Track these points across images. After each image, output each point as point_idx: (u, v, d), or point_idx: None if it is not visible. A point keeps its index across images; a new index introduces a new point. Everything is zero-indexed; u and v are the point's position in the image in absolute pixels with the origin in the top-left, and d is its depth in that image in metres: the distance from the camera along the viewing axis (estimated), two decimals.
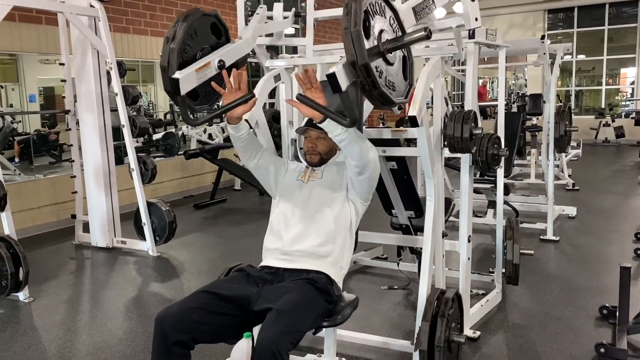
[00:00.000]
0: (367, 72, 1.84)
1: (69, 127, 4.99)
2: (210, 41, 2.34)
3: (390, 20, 2.03)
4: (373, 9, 1.91)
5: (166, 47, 2.12)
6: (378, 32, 1.92)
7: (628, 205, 6.28)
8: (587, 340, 2.87)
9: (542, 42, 4.48)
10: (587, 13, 13.39)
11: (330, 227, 2.18)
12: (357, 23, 1.79)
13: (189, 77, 2.10)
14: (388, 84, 1.96)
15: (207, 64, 2.19)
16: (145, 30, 6.97)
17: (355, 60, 1.81)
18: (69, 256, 4.83)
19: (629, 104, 13.81)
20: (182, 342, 1.88)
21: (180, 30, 2.14)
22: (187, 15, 2.20)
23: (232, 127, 2.20)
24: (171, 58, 2.11)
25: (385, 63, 1.97)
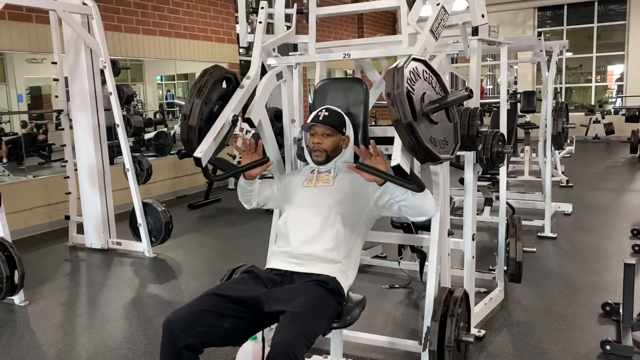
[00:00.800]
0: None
1: (62, 127, 4.90)
2: (221, 91, 2.38)
3: (433, 84, 2.07)
4: (415, 74, 1.98)
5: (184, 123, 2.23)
6: (420, 97, 1.97)
7: (622, 201, 6.32)
8: (592, 338, 2.87)
9: (539, 39, 4.49)
10: (576, 11, 13.49)
11: (340, 233, 2.16)
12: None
13: (208, 150, 2.21)
14: (441, 144, 2.02)
15: (222, 126, 2.27)
16: (137, 29, 6.89)
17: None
18: (64, 258, 4.76)
19: (617, 101, 13.93)
20: (191, 346, 1.84)
21: (196, 109, 2.23)
22: (200, 90, 2.26)
23: (247, 183, 2.36)
24: (191, 135, 2.23)
25: (430, 122, 2.01)
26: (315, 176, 2.32)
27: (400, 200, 2.10)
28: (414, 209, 2.12)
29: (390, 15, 13.58)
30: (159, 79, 11.88)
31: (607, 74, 14.45)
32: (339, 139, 2.33)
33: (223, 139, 2.34)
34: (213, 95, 2.31)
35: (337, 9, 2.89)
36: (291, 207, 2.29)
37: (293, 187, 2.35)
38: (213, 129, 2.29)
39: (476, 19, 2.39)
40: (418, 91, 1.95)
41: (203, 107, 2.24)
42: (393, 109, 1.86)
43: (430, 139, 1.95)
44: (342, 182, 2.27)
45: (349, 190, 2.23)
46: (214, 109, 2.34)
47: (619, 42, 13.18)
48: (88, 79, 4.63)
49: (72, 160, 4.96)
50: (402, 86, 1.86)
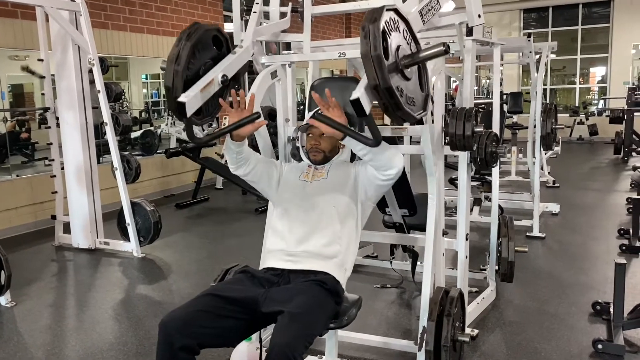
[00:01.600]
0: (391, 94, 1.80)
1: (49, 125, 4.83)
2: (212, 53, 2.30)
3: (404, 33, 1.99)
4: (389, 27, 1.87)
5: (170, 67, 2.06)
6: (395, 49, 1.89)
7: (608, 201, 6.39)
8: (583, 337, 2.90)
9: (528, 40, 4.52)
10: (560, 13, 13.65)
11: (337, 228, 2.14)
12: (377, 47, 1.75)
13: (194, 98, 2.05)
14: (408, 100, 1.93)
15: (210, 81, 2.13)
16: (124, 26, 6.81)
17: (377, 84, 1.77)
18: (50, 258, 4.68)
19: (599, 102, 14.12)
20: (188, 347, 1.81)
21: (185, 51, 2.08)
22: (190, 34, 2.14)
23: (236, 145, 2.15)
24: (176, 80, 2.06)
25: (404, 79, 1.94)
26: (312, 170, 2.30)
27: (364, 154, 2.03)
28: (380, 160, 2.05)
29: None
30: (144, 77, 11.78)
31: (589, 76, 14.64)
32: (336, 139, 2.31)
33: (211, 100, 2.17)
34: (202, 44, 2.18)
35: (332, 8, 2.87)
36: (286, 202, 2.26)
37: (290, 181, 2.31)
38: (201, 81, 2.14)
39: (473, 19, 2.40)
40: (392, 45, 1.86)
41: (192, 57, 2.09)
42: (370, 72, 1.75)
43: (407, 100, 1.87)
44: (335, 173, 2.25)
45: (343, 181, 2.22)
46: (203, 67, 2.20)
47: (603, 45, 13.36)
48: (76, 77, 4.56)
49: (58, 158, 4.88)
50: (379, 47, 1.74)
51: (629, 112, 9.35)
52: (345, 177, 2.22)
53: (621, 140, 9.49)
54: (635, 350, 2.75)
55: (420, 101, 2.02)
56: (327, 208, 2.16)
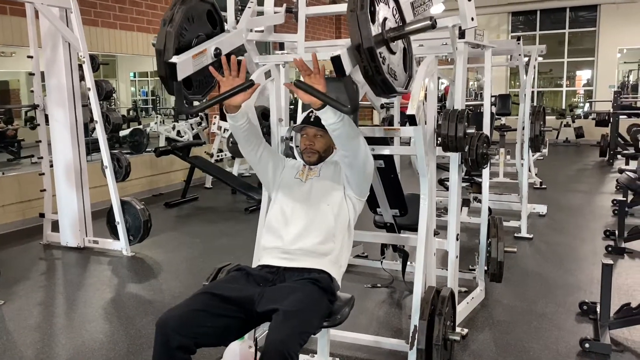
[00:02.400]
0: (372, 57, 1.79)
1: (38, 123, 4.79)
2: (206, 29, 2.28)
3: (393, 11, 2.01)
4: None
5: (163, 29, 2.04)
6: (382, 20, 1.89)
7: (594, 203, 6.48)
8: (571, 336, 2.94)
9: (518, 43, 4.57)
10: (548, 16, 13.78)
11: (331, 225, 2.16)
12: (364, 6, 1.75)
13: (185, 63, 2.02)
14: (390, 72, 1.93)
15: (203, 51, 2.12)
16: (114, 24, 6.77)
17: (360, 43, 1.76)
18: (38, 256, 4.65)
19: (585, 105, 14.28)
20: (184, 347, 1.82)
21: (179, 14, 2.06)
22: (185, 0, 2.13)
23: (231, 117, 2.12)
24: (168, 41, 2.03)
25: (389, 51, 1.94)
26: (306, 169, 2.31)
27: (334, 129, 2.01)
28: (347, 137, 2.05)
29: None
30: (132, 75, 11.71)
31: (576, 79, 14.81)
32: (331, 139, 2.32)
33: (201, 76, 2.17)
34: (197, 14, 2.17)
35: (327, 9, 2.90)
36: (282, 198, 2.27)
37: (287, 179, 2.33)
38: (194, 48, 2.13)
39: (466, 22, 2.43)
40: (380, 15, 1.87)
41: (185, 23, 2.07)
42: (354, 30, 1.75)
43: (389, 70, 1.87)
44: (327, 171, 2.27)
45: (333, 178, 2.24)
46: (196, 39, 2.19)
47: (589, 48, 13.52)
48: (66, 74, 4.53)
49: (47, 156, 4.84)
50: (366, 6, 1.74)
51: (614, 115, 9.47)
52: (336, 174, 2.25)
53: (607, 143, 9.62)
54: (621, 349, 2.79)
55: (402, 79, 2.02)
56: (321, 206, 2.18)
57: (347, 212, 2.23)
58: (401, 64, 2.07)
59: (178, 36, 2.07)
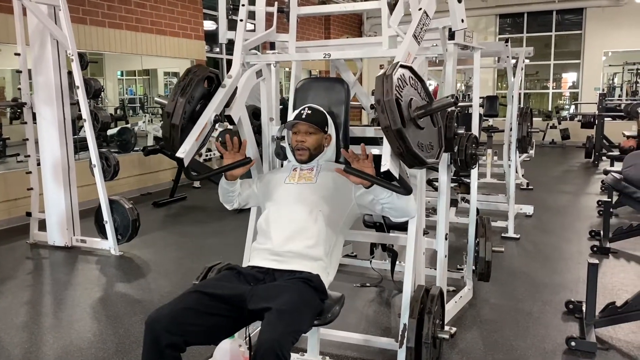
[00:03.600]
0: (401, 137, 1.93)
1: (25, 121, 4.74)
2: (204, 90, 2.38)
3: (419, 90, 2.12)
4: (402, 80, 2.01)
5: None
6: (408, 101, 2.01)
7: (580, 203, 6.56)
8: (557, 334, 2.98)
9: (506, 45, 4.62)
10: (535, 19, 13.91)
11: (322, 230, 2.18)
12: (389, 93, 1.90)
13: (191, 149, 2.22)
14: (419, 145, 2.05)
15: (204, 126, 2.28)
16: (102, 22, 6.73)
17: (388, 125, 1.90)
18: (25, 256, 4.61)
19: (571, 107, 14.44)
20: (174, 345, 1.82)
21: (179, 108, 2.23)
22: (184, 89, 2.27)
23: (228, 183, 2.40)
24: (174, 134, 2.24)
25: (417, 128, 2.05)
26: (297, 173, 2.33)
27: (385, 202, 2.15)
28: (398, 210, 2.19)
29: (356, 17, 13.69)
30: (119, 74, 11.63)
31: (562, 81, 14.96)
32: (322, 137, 2.35)
33: (204, 139, 2.34)
34: (196, 94, 2.32)
35: (318, 9, 2.91)
36: (272, 203, 2.30)
37: (274, 185, 2.36)
38: (195, 129, 2.29)
39: (456, 23, 2.46)
40: (405, 97, 2.00)
41: (186, 106, 2.24)
42: (383, 116, 1.90)
43: (418, 144, 2.00)
44: (325, 179, 2.29)
45: (332, 188, 2.26)
46: (196, 108, 2.34)
47: (575, 51, 13.67)
48: (54, 72, 4.50)
49: (34, 155, 4.80)
50: (391, 93, 1.90)
51: (599, 117, 9.59)
52: (335, 185, 2.26)
53: (592, 145, 9.74)
54: (606, 348, 2.84)
55: (435, 140, 2.17)
56: (313, 211, 2.20)
57: (341, 221, 2.27)
58: (435, 137, 2.18)
59: (181, 122, 2.25)
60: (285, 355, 1.68)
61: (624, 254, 4.40)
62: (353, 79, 3.74)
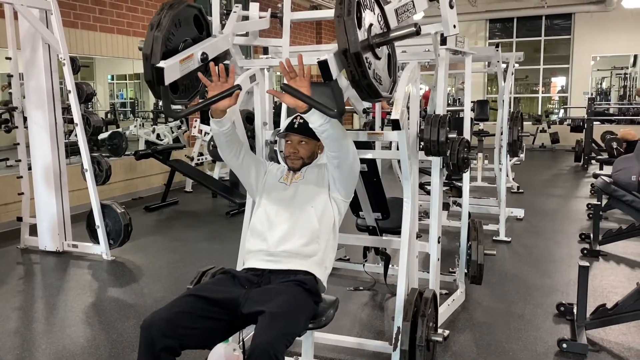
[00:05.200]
0: (359, 62, 1.82)
1: (16, 125, 4.72)
2: (192, 33, 2.30)
3: (378, 17, 2.05)
4: (364, 2, 1.92)
5: (150, 34, 2.05)
6: (368, 26, 1.93)
7: (570, 207, 6.62)
8: (549, 336, 3.01)
9: (496, 50, 4.67)
10: (524, 24, 14.04)
11: (315, 227, 2.18)
12: (351, 12, 1.78)
13: (173, 67, 2.04)
14: (376, 77, 1.97)
15: (190, 55, 2.13)
16: (94, 26, 6.71)
17: (347, 48, 1.79)
18: (16, 261, 4.57)
19: (561, 111, 14.57)
20: (169, 348, 1.83)
21: (166, 19, 2.08)
22: (173, 4, 2.15)
23: (216, 122, 2.13)
24: (155, 46, 2.04)
25: (374, 57, 1.98)
26: (291, 174, 2.33)
27: (322, 131, 2.02)
28: (335, 139, 2.06)
29: None
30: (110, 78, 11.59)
31: (551, 86, 15.10)
32: (315, 145, 2.33)
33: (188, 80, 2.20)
34: (184, 19, 2.19)
35: (312, 14, 2.93)
36: (267, 202, 2.29)
37: (271, 181, 2.34)
38: (181, 53, 2.14)
39: (448, 29, 2.48)
40: (366, 21, 1.90)
41: (172, 28, 2.09)
42: (341, 35, 1.77)
43: (375, 75, 1.90)
44: (311, 173, 2.30)
45: (317, 179, 2.26)
46: (183, 43, 2.21)
47: (564, 56, 13.80)
48: (45, 76, 4.48)
49: (25, 159, 4.78)
50: (353, 11, 1.78)
51: (588, 121, 9.69)
52: (320, 177, 2.27)
53: (581, 149, 9.83)
54: (597, 349, 2.87)
55: (387, 84, 2.06)
56: (305, 208, 2.21)
57: (331, 214, 2.26)
58: (386, 69, 2.12)
59: (165, 41, 2.09)
60: (279, 358, 1.69)
61: (614, 257, 4.45)
62: (346, 83, 3.75)
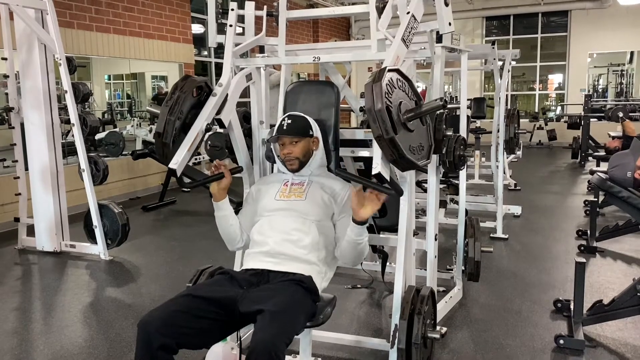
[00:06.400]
0: (394, 145, 1.94)
1: (12, 125, 4.71)
2: (193, 101, 2.40)
3: (406, 90, 2.14)
4: (391, 84, 2.02)
5: (165, 115, 2.27)
6: (397, 104, 2.02)
7: (566, 204, 6.64)
8: (546, 333, 3.02)
9: (493, 47, 4.67)
10: (521, 21, 14.04)
11: (316, 238, 2.20)
12: (380, 101, 1.91)
13: (183, 160, 2.25)
14: (411, 149, 2.07)
15: (196, 136, 2.31)
16: (90, 26, 6.70)
17: (381, 135, 1.92)
18: (13, 261, 4.57)
19: (557, 108, 14.59)
20: (166, 346, 1.83)
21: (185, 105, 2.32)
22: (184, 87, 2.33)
23: (216, 205, 2.34)
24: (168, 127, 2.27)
25: (407, 130, 2.07)
26: (288, 189, 2.31)
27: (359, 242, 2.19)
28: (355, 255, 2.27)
29: (344, 20, 13.74)
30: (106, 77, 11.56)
31: (547, 83, 15.11)
32: (308, 142, 2.33)
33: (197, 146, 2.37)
34: (184, 108, 2.34)
35: (308, 13, 2.93)
36: (265, 218, 2.29)
37: (266, 200, 2.32)
38: (187, 140, 2.31)
39: (444, 27, 2.49)
40: (395, 102, 2.01)
41: (176, 122, 2.29)
42: (374, 125, 1.91)
43: (410, 149, 2.01)
44: (314, 195, 2.27)
45: (320, 202, 2.26)
46: (186, 120, 2.36)
47: (560, 53, 13.81)
48: (42, 76, 4.48)
49: (22, 159, 4.77)
50: (381, 102, 1.90)
51: (585, 118, 9.70)
52: (322, 201, 2.26)
53: (578, 145, 9.85)
54: (594, 345, 2.88)
55: (425, 139, 2.19)
56: (306, 222, 2.21)
57: (332, 231, 2.29)
58: (424, 136, 2.20)
59: (176, 120, 2.30)
60: (279, 356, 1.69)
61: (611, 253, 4.46)
62: (342, 82, 3.76)
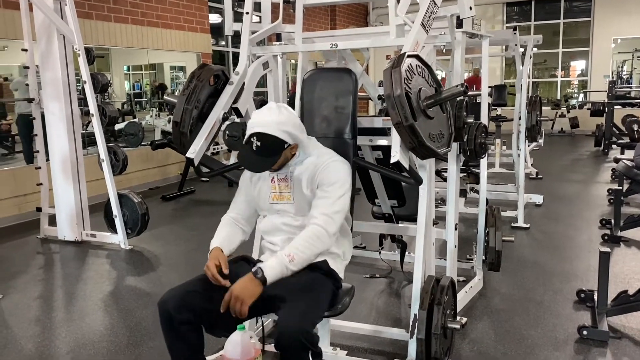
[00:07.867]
0: (413, 131, 1.91)
1: (34, 116, 4.76)
2: (210, 90, 2.42)
3: (426, 76, 2.09)
4: (411, 69, 1.99)
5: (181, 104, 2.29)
6: (417, 90, 1.99)
7: (589, 192, 6.51)
8: (569, 323, 2.96)
9: (514, 33, 4.58)
10: (542, 7, 13.77)
11: None
12: (399, 88, 1.89)
13: (200, 149, 2.28)
14: (431, 137, 2.03)
15: (213, 125, 2.33)
16: (108, 16, 6.73)
17: (400, 121, 1.89)
18: (36, 251, 4.64)
19: (580, 95, 14.32)
20: (187, 321, 1.89)
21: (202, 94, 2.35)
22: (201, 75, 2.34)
23: None
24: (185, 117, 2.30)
25: (427, 118, 2.03)
26: (277, 188, 2.17)
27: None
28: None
29: (362, 7, 13.62)
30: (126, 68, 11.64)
31: (570, 70, 14.82)
32: (285, 152, 2.08)
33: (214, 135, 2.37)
34: (202, 96, 2.36)
35: None
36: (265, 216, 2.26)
37: (262, 201, 2.23)
38: (204, 129, 2.31)
39: (464, 11, 2.43)
40: (414, 88, 1.98)
41: (193, 111, 2.30)
42: (393, 112, 1.88)
43: (429, 136, 1.98)
44: (299, 192, 2.13)
45: (306, 197, 2.12)
46: (203, 110, 2.37)
47: (583, 39, 13.53)
48: (61, 67, 4.51)
49: (43, 150, 4.82)
50: (400, 88, 1.88)
51: (609, 105, 9.49)
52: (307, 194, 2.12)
53: (602, 133, 9.65)
54: (618, 336, 2.82)
55: (445, 127, 2.15)
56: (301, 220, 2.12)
57: None
58: (445, 124, 2.16)
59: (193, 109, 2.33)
60: (309, 331, 1.72)
61: (636, 243, 4.37)
62: (360, 70, 3.71)
